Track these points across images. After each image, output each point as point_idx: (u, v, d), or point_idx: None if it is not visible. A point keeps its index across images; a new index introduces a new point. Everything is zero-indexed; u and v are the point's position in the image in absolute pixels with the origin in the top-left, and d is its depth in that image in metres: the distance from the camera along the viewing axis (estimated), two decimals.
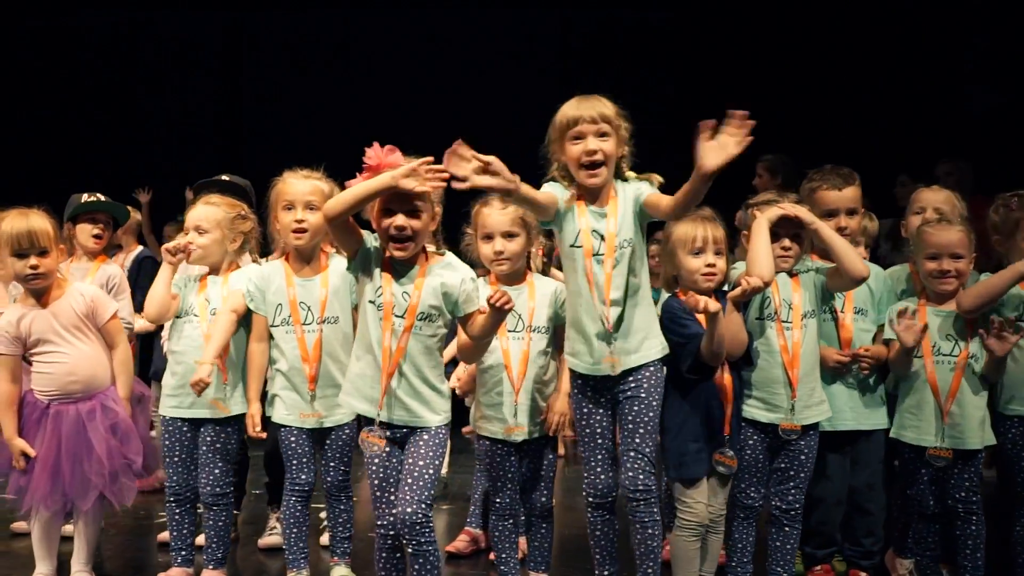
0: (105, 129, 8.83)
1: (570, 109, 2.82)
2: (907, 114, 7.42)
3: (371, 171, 2.60)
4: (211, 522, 3.33)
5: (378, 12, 8.87)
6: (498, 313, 2.65)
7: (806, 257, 3.17)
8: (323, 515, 3.87)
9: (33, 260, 3.16)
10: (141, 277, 4.62)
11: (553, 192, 2.85)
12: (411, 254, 2.68)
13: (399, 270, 2.71)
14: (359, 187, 2.60)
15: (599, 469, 2.92)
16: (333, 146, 8.31)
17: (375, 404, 2.69)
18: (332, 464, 3.29)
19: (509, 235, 3.09)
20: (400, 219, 2.63)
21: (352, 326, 3.19)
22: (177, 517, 3.37)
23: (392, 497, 2.71)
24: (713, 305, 2.74)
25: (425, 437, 2.71)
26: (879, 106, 7.63)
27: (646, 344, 2.88)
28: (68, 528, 3.46)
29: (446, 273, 2.74)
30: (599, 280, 2.82)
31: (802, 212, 2.97)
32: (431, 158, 2.57)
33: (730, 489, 3.04)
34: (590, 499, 2.95)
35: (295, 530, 3.28)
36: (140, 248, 5.37)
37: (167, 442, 3.36)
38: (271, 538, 3.90)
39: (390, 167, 2.59)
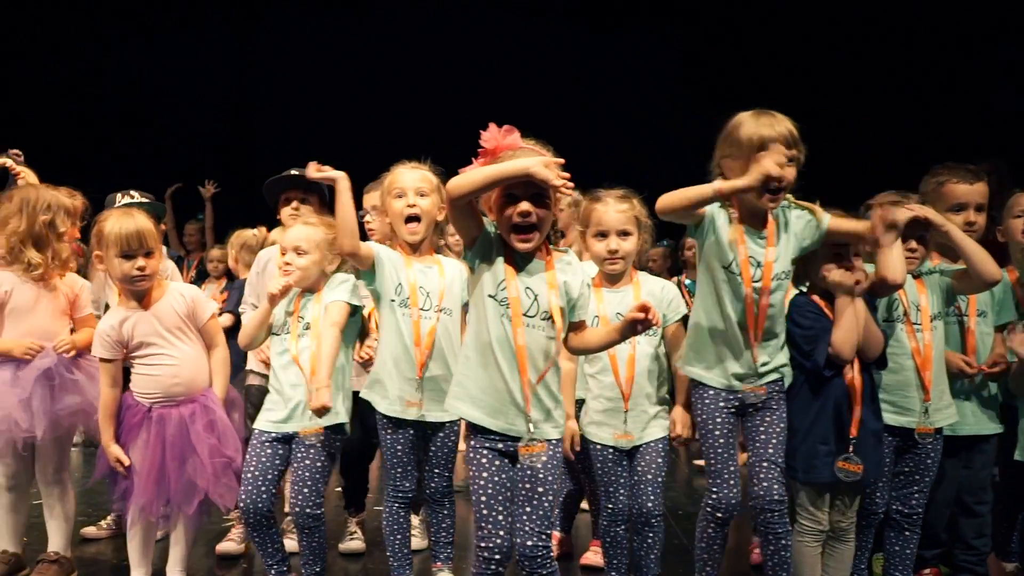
0: (118, 127, 8.87)
1: (763, 128, 2.69)
2: (935, 114, 7.43)
3: (488, 154, 2.45)
4: (305, 541, 3.15)
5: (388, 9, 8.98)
6: (634, 330, 2.49)
7: (928, 258, 3.12)
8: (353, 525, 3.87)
9: (140, 261, 3.11)
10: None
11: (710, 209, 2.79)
12: (535, 245, 2.47)
13: (521, 264, 2.50)
14: (489, 169, 2.37)
15: (732, 482, 2.84)
16: (344, 143, 8.52)
17: (509, 418, 2.46)
18: (437, 470, 3.20)
19: (624, 233, 3.02)
20: (525, 205, 2.40)
21: (460, 325, 3.14)
22: (256, 540, 3.20)
23: (501, 518, 2.45)
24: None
25: (544, 459, 2.48)
26: (907, 105, 7.66)
27: (778, 356, 2.84)
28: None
29: (568, 271, 2.56)
30: (755, 312, 2.77)
31: (932, 214, 2.91)
32: (563, 160, 2.41)
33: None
34: (719, 514, 2.87)
35: (399, 536, 3.18)
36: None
37: (248, 454, 3.18)
38: (352, 543, 3.86)
39: (508, 149, 2.44)
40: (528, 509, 2.44)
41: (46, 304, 3.37)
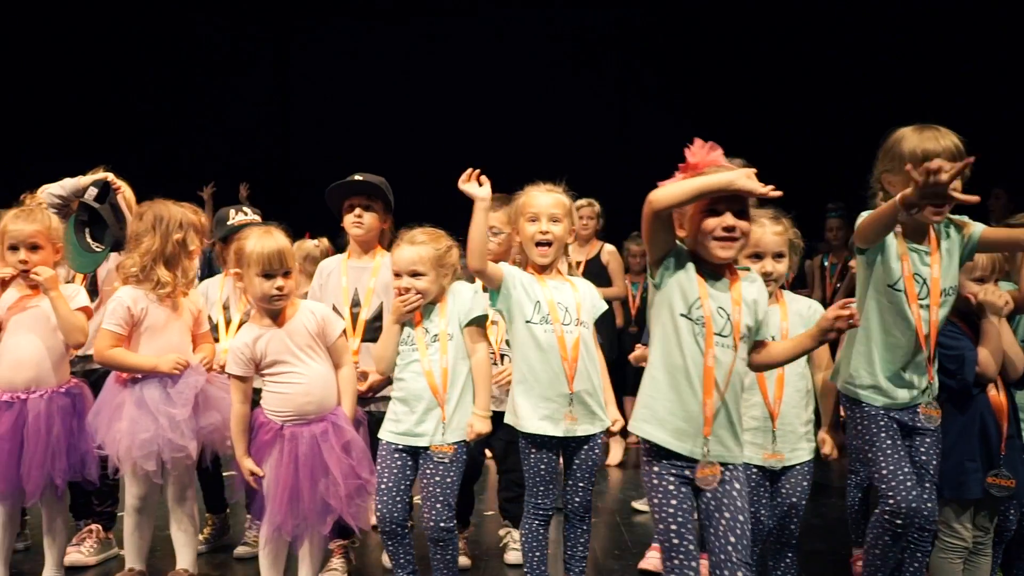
0: (155, 128, 8.99)
1: (927, 142, 2.67)
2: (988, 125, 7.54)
3: (691, 169, 2.47)
4: (440, 554, 3.17)
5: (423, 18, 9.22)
6: (828, 333, 2.47)
7: None
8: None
9: (280, 281, 3.13)
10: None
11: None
12: (735, 255, 2.47)
13: (711, 280, 2.49)
14: (695, 182, 2.38)
15: (908, 485, 2.76)
16: (379, 143, 8.59)
17: (698, 441, 2.45)
18: (580, 484, 3.20)
19: (779, 255, 3.01)
20: (729, 218, 2.41)
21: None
22: (390, 548, 3.24)
23: (692, 547, 2.41)
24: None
25: (737, 486, 2.47)
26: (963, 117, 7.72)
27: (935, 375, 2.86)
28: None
29: (752, 288, 2.56)
30: (925, 330, 2.76)
31: None
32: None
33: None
34: (898, 521, 2.77)
35: (537, 553, 3.19)
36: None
37: (378, 467, 3.22)
38: (513, 554, 3.91)
39: (711, 164, 2.46)
40: (732, 539, 2.42)
41: (175, 322, 3.39)
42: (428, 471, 3.13)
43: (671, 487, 2.44)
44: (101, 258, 3.74)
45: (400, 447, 3.17)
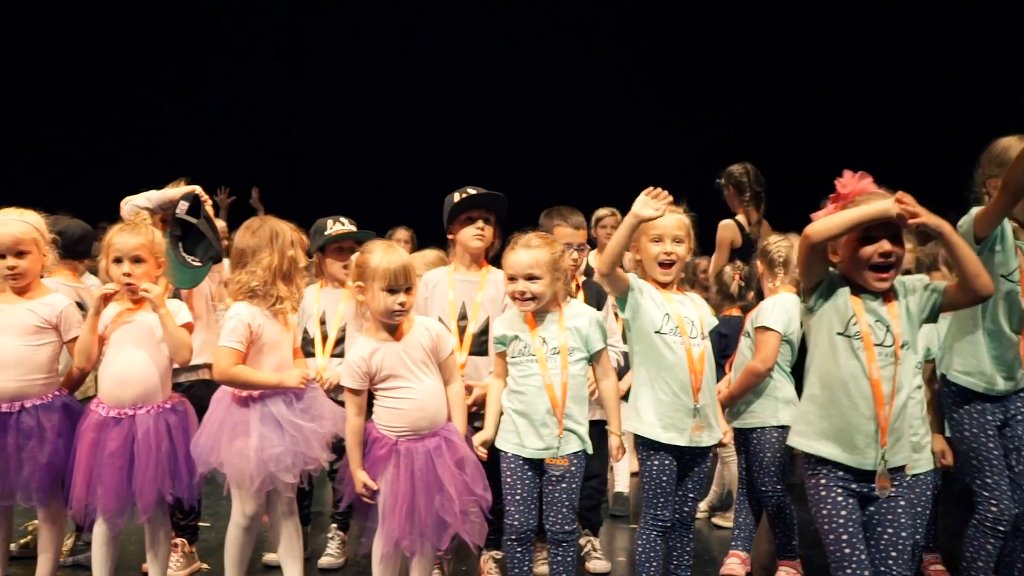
0: (167, 130, 8.95)
1: None
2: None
3: (842, 199, 2.57)
4: (560, 558, 3.27)
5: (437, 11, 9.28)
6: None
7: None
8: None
9: (402, 296, 3.14)
10: None
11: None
12: (891, 282, 2.60)
13: (866, 297, 2.62)
14: (850, 213, 2.53)
15: (1009, 493, 2.89)
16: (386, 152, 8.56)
17: (866, 453, 2.53)
18: (691, 495, 3.32)
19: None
20: (886, 244, 2.55)
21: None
22: (518, 555, 3.30)
23: (864, 557, 2.50)
24: None
25: (903, 502, 2.54)
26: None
27: None
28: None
29: (911, 300, 2.69)
30: None
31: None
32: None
33: None
34: (1000, 527, 2.89)
35: (654, 564, 3.25)
36: None
37: (508, 479, 3.28)
38: (596, 563, 3.97)
39: (862, 193, 2.56)
40: (893, 553, 2.49)
41: (286, 337, 3.38)
42: (553, 480, 3.22)
43: (839, 498, 2.51)
44: (202, 273, 3.71)
45: (524, 459, 3.24)
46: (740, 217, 5.42)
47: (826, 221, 2.55)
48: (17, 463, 3.29)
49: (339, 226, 3.95)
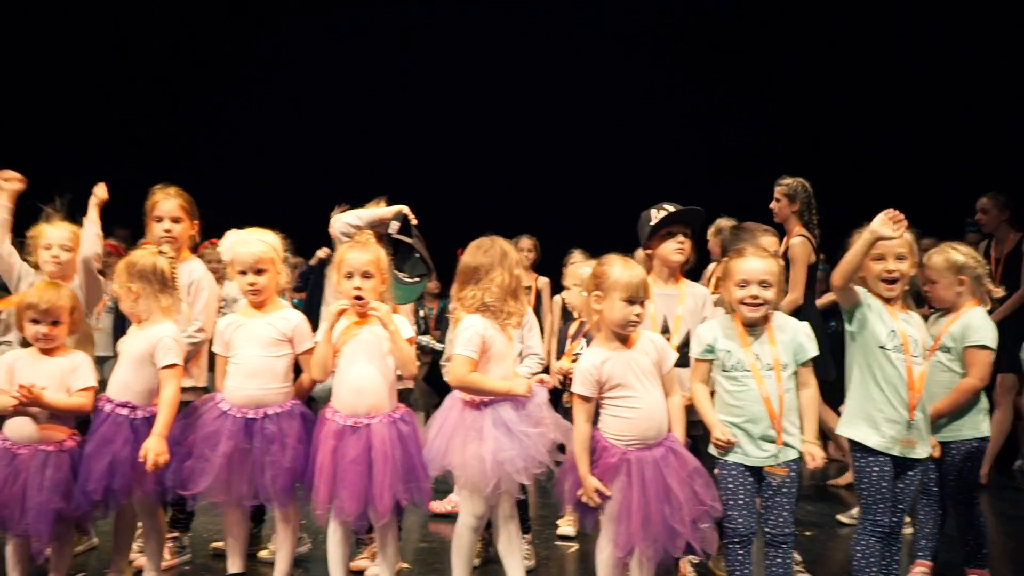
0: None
1: None
2: None
3: None
4: (779, 560, 3.35)
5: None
6: None
7: None
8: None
9: (639, 308, 3.27)
10: None
11: None
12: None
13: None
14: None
15: None
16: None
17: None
18: (901, 506, 3.44)
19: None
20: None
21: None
22: (740, 557, 3.38)
23: None
24: None
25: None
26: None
27: None
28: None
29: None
30: None
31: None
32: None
33: None
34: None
35: (873, 569, 3.34)
36: None
37: (730, 486, 3.37)
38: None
39: None
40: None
41: (510, 349, 3.55)
42: (771, 487, 3.34)
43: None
44: (418, 289, 3.90)
45: (744, 467, 3.35)
46: (805, 232, 5.09)
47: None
48: (261, 466, 3.50)
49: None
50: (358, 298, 3.52)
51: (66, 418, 3.52)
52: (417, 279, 3.96)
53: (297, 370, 3.72)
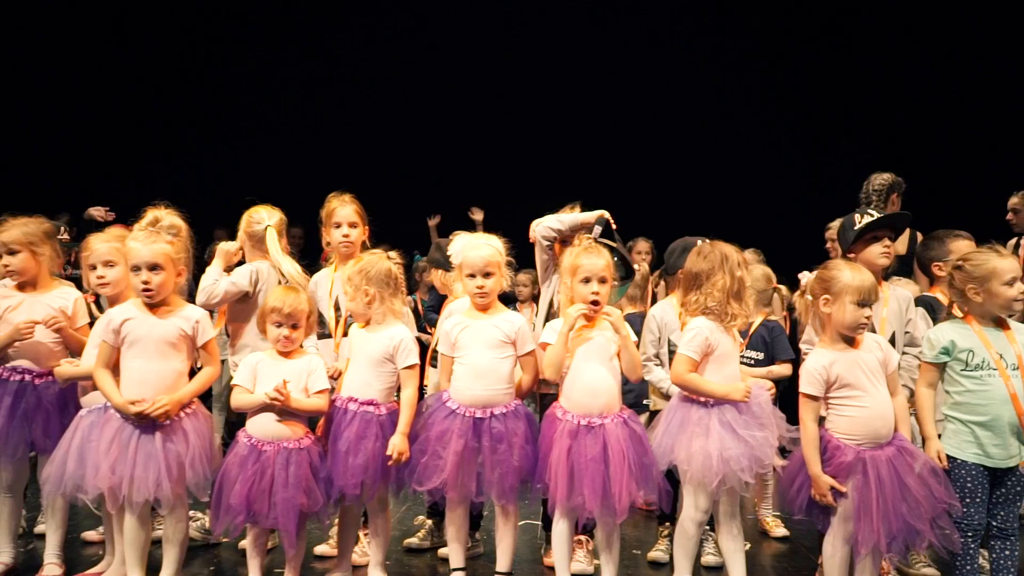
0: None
1: None
2: None
3: None
4: (1007, 552, 3.49)
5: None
6: None
7: None
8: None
9: (868, 311, 3.41)
10: None
11: None
12: None
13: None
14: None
15: None
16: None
17: None
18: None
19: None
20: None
21: None
22: (972, 551, 3.46)
23: None
24: None
25: None
26: None
27: None
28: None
29: None
30: None
31: None
32: None
33: None
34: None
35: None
36: None
37: (969, 484, 3.45)
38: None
39: None
40: None
41: (735, 350, 3.67)
42: (1006, 484, 3.47)
43: None
44: (622, 291, 4.00)
45: (984, 468, 3.45)
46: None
47: None
48: (491, 464, 3.61)
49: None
50: (595, 303, 3.63)
51: (302, 417, 3.66)
52: (621, 280, 4.06)
53: None
